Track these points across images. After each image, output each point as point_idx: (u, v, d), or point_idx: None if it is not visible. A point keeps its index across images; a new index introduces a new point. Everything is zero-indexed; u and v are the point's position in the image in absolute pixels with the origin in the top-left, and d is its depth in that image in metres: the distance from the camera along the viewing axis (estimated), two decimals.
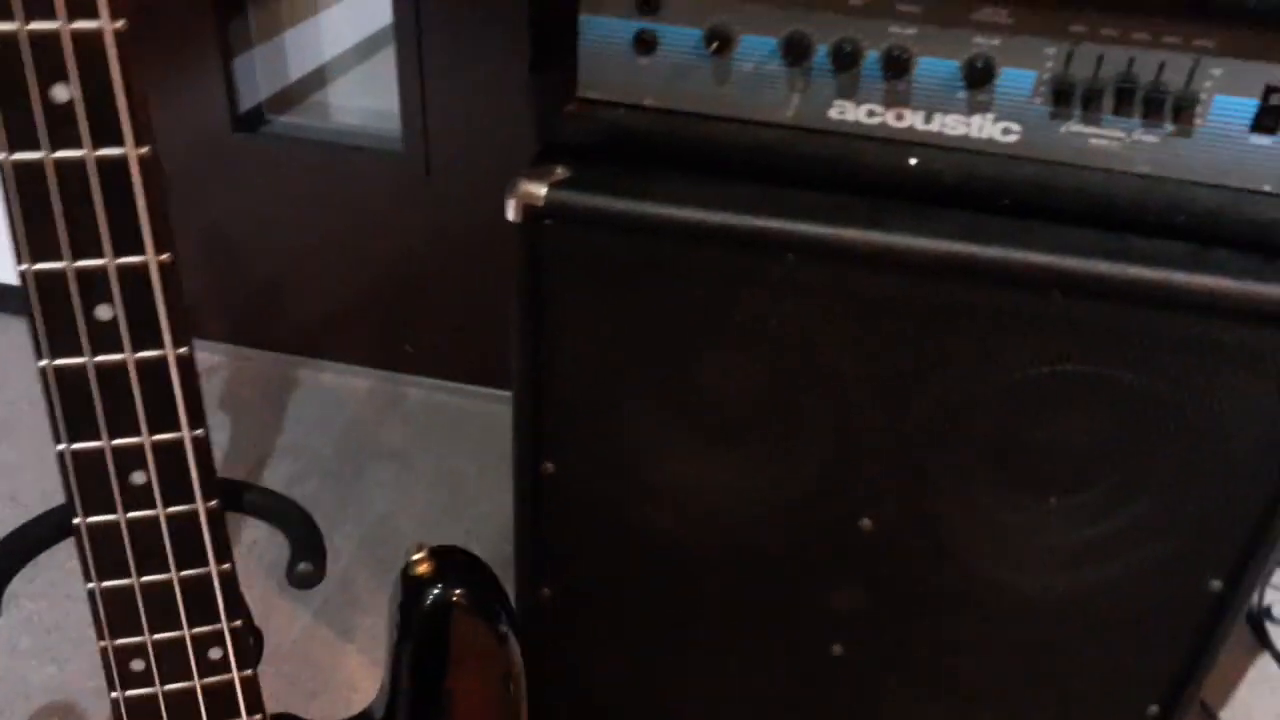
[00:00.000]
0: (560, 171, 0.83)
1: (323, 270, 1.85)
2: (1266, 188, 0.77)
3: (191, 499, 0.56)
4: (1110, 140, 0.77)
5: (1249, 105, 0.74)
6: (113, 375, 0.52)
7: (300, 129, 1.81)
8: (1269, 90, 0.73)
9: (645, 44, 0.80)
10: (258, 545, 1.54)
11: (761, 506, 0.92)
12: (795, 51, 0.77)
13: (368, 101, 1.92)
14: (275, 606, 1.48)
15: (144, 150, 0.44)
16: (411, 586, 0.68)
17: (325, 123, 1.90)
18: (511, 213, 0.82)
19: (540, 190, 0.81)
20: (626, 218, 0.81)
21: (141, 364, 0.51)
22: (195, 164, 1.78)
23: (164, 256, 0.49)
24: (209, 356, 1.96)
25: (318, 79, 1.97)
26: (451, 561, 0.71)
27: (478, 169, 1.65)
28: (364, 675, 1.42)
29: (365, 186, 1.75)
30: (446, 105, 1.64)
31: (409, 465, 1.75)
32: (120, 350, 0.51)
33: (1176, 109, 0.75)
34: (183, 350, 0.51)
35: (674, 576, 0.99)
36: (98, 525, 0.57)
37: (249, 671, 0.67)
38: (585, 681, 1.09)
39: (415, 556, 0.68)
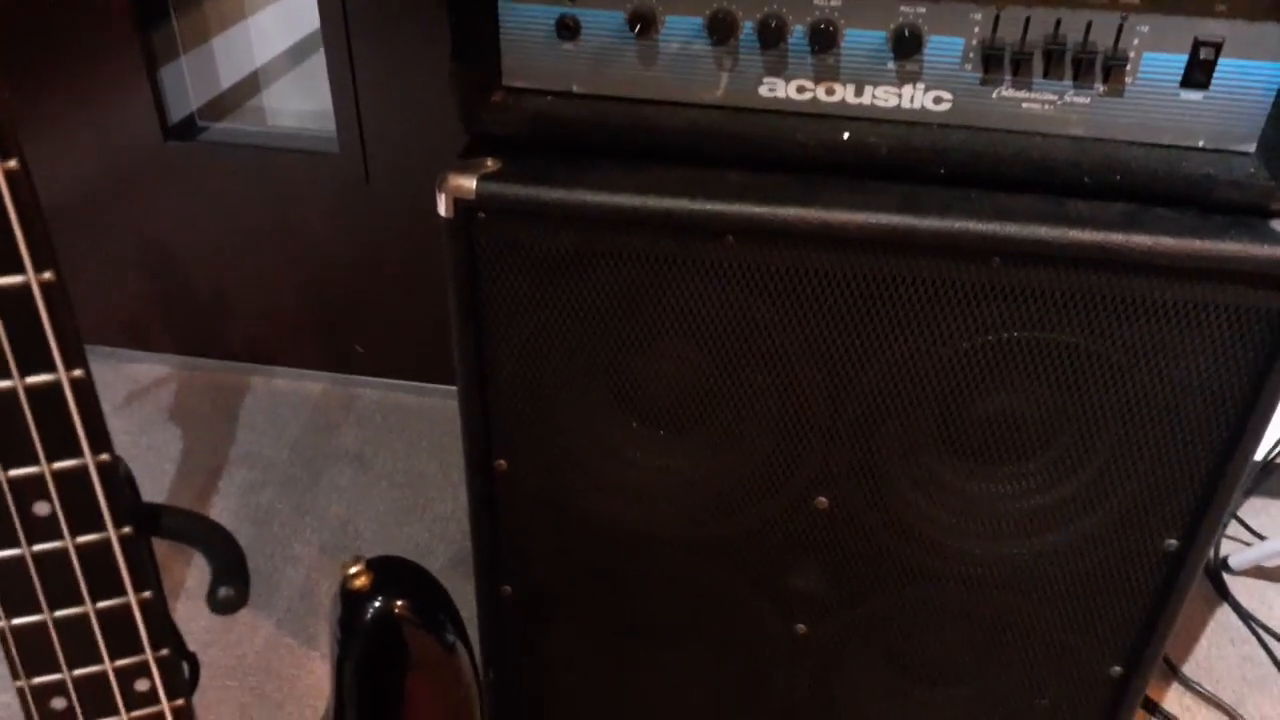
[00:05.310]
0: (490, 163, 0.81)
1: (268, 275, 1.82)
2: (1200, 143, 0.76)
3: (103, 527, 0.54)
4: (1042, 104, 0.76)
5: (1178, 61, 0.74)
6: (3, 403, 0.50)
7: (236, 134, 1.78)
8: (1197, 44, 0.73)
9: (568, 29, 0.78)
10: None
11: (717, 491, 0.91)
12: (720, 29, 0.76)
13: (304, 104, 1.88)
14: (237, 619, 1.45)
15: (11, 163, 0.42)
16: (350, 600, 0.66)
17: (262, 127, 1.87)
18: (442, 207, 0.80)
19: (470, 183, 0.79)
20: (560, 207, 0.79)
21: (32, 389, 0.49)
22: (130, 175, 1.74)
23: (46, 275, 0.46)
24: (156, 369, 1.92)
25: (251, 84, 1.93)
26: (391, 573, 0.69)
27: (416, 166, 1.63)
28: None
29: (305, 189, 1.73)
30: (381, 104, 1.62)
31: (367, 467, 1.73)
32: (8, 376, 0.49)
33: (1106, 69, 0.74)
34: (77, 372, 0.49)
35: (634, 566, 0.98)
36: (2, 560, 0.54)
37: (180, 701, 0.65)
38: (552, 674, 1.08)
39: (352, 570, 0.66)
